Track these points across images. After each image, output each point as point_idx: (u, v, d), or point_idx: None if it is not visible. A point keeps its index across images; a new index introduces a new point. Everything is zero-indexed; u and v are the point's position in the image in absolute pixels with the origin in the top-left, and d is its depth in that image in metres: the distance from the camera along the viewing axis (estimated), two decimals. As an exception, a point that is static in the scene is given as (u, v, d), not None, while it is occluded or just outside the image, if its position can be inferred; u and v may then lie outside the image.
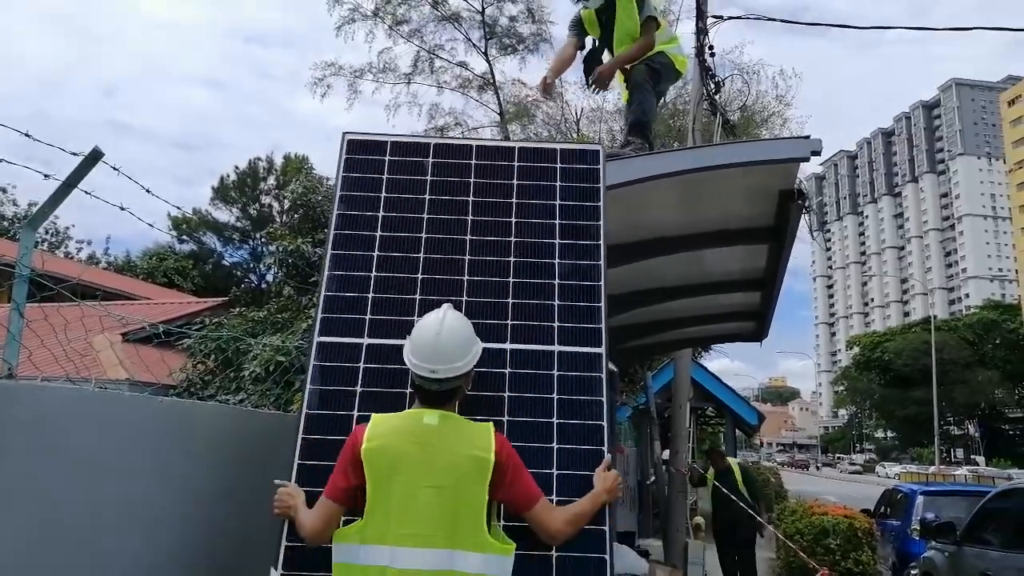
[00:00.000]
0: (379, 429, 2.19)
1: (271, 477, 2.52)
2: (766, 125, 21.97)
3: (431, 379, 2.22)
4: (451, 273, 2.90)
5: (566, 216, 3.05)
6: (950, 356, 64.98)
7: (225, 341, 7.92)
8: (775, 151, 3.55)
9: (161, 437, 2.59)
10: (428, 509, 2.08)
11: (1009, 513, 5.90)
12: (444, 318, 2.32)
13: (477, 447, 2.15)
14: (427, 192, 3.09)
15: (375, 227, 2.99)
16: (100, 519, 2.30)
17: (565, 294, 2.87)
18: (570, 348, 2.76)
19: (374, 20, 22.23)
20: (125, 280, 26.63)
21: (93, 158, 2.51)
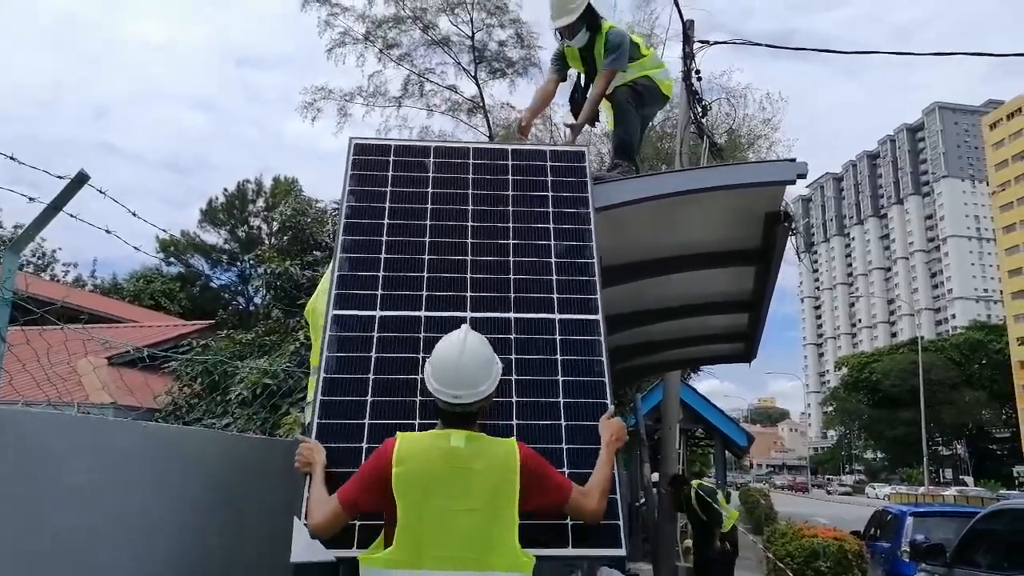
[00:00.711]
0: (407, 452, 2.18)
1: (257, 505, 2.48)
2: (752, 148, 22.19)
3: (455, 404, 2.25)
4: (455, 254, 3.18)
5: (558, 205, 3.39)
6: (937, 377, 65.36)
7: (212, 364, 7.86)
8: (762, 174, 3.58)
9: (145, 464, 2.55)
10: (462, 531, 2.10)
11: (998, 534, 5.90)
12: (465, 342, 2.34)
13: (505, 467, 2.19)
14: (430, 186, 3.41)
15: (383, 216, 3.27)
16: (81, 547, 2.25)
17: (562, 270, 3.17)
18: (569, 316, 3.05)
19: (365, 44, 22.38)
20: (111, 303, 26.43)
21: (79, 181, 2.50)
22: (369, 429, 2.66)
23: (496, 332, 2.90)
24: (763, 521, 18.89)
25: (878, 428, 76.32)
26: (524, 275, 3.15)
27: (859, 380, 78.95)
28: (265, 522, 3.22)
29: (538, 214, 3.36)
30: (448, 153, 3.59)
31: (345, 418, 2.66)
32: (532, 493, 2.20)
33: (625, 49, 4.63)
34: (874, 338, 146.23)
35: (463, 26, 22.42)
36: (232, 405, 7.41)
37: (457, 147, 3.70)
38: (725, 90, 21.17)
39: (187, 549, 2.75)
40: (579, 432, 2.71)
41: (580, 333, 3.00)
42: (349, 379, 2.78)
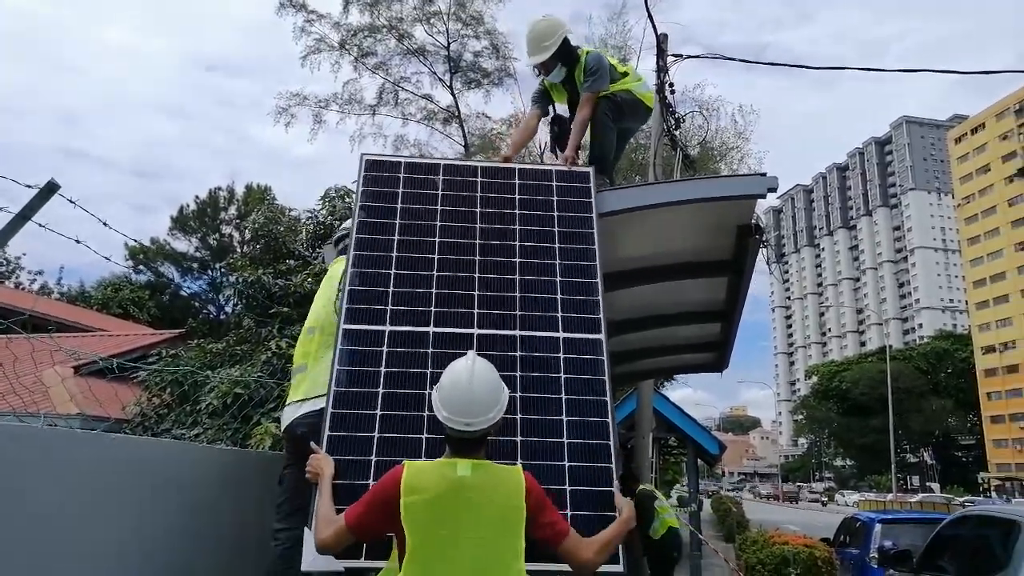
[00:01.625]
0: (415, 482, 2.20)
1: (226, 516, 2.46)
2: (725, 159, 22.47)
3: (465, 431, 2.27)
4: (463, 271, 3.28)
5: (563, 224, 3.50)
6: (905, 385, 66.51)
7: (182, 374, 7.75)
8: (733, 188, 3.64)
9: (111, 475, 2.52)
10: (467, 561, 2.12)
11: (963, 540, 6.00)
12: (473, 370, 2.35)
13: (511, 495, 2.22)
14: (439, 203, 3.51)
15: (393, 232, 3.37)
16: (45, 564, 2.22)
17: (566, 289, 3.27)
18: (574, 335, 3.14)
19: (340, 52, 22.34)
20: (78, 311, 25.95)
21: (49, 190, 2.47)
22: (378, 442, 2.74)
23: (502, 349, 3.02)
24: (735, 529, 19.03)
25: (847, 436, 77.34)
26: (530, 293, 3.24)
27: (829, 388, 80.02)
28: (238, 534, 3.18)
29: (544, 233, 3.46)
30: (457, 171, 3.70)
31: (355, 431, 2.75)
32: (532, 524, 2.23)
33: (604, 71, 4.61)
34: (843, 347, 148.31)
35: (438, 36, 22.51)
36: (202, 415, 7.31)
37: (466, 165, 3.86)
38: (698, 103, 21.44)
39: (156, 563, 2.71)
40: (582, 450, 2.79)
41: (584, 352, 3.09)
42: (359, 392, 2.86)
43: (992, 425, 78.56)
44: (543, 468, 2.73)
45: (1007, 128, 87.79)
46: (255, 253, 11.28)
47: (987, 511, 6.01)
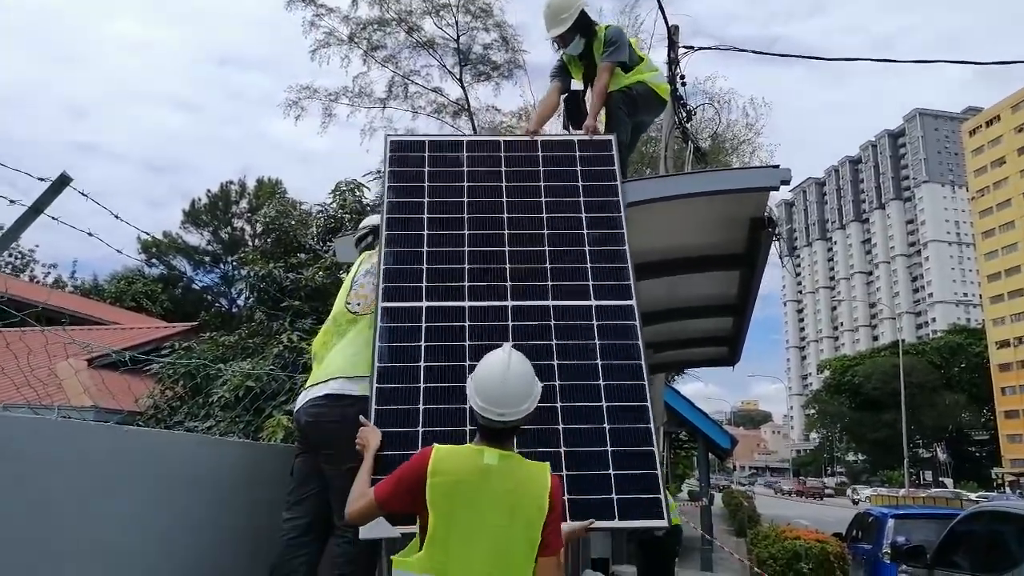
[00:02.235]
0: (443, 465, 2.25)
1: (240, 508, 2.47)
2: (736, 153, 22.35)
3: (498, 421, 2.31)
4: (493, 245, 3.36)
5: (588, 194, 3.55)
6: (918, 380, 66.05)
7: (194, 367, 7.78)
8: (747, 180, 3.62)
9: (125, 467, 2.53)
10: (486, 547, 2.16)
11: (978, 535, 5.96)
12: (509, 362, 2.39)
13: (536, 490, 2.25)
14: (465, 180, 3.59)
15: (422, 211, 3.46)
16: (60, 553, 2.23)
17: (596, 258, 3.33)
18: (605, 302, 3.20)
19: (349, 45, 22.32)
20: (92, 304, 26.14)
21: (61, 183, 2.47)
22: (423, 414, 2.85)
23: (536, 319, 3.13)
24: (746, 523, 19.00)
25: (860, 430, 76.93)
26: (560, 264, 3.31)
27: (841, 383, 79.59)
28: (251, 526, 3.19)
29: (570, 203, 3.51)
30: (480, 147, 3.79)
31: (400, 404, 2.85)
32: (549, 523, 2.24)
33: (624, 44, 4.59)
34: (856, 341, 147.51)
35: (448, 29, 22.43)
36: (215, 408, 7.34)
37: (489, 140, 4.04)
38: (709, 95, 21.31)
39: (172, 556, 2.72)
40: (618, 414, 2.88)
41: (617, 318, 3.16)
42: (401, 367, 2.97)
43: (1006, 420, 77.96)
44: (583, 432, 2.85)
45: (1023, 120, 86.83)
46: (266, 247, 11.32)
47: (1001, 507, 5.96)
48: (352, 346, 3.13)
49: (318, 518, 3.02)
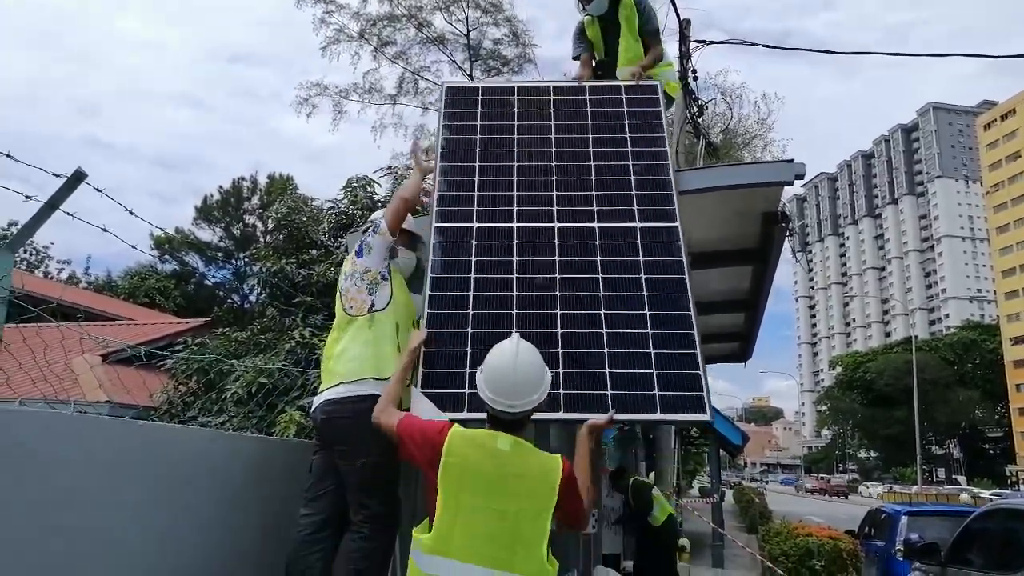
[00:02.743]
0: (456, 446, 2.31)
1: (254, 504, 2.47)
2: (748, 148, 22.24)
3: (508, 412, 2.37)
4: (541, 175, 3.59)
5: (634, 131, 3.73)
6: (931, 376, 65.55)
7: (207, 362, 7.82)
8: (761, 175, 3.59)
9: (138, 462, 2.54)
10: (489, 530, 2.21)
11: (992, 533, 5.92)
12: (518, 353, 2.43)
13: (545, 480, 2.27)
14: (515, 119, 3.86)
15: (474, 146, 3.73)
16: (76, 547, 2.24)
17: (640, 186, 3.50)
18: (649, 224, 3.36)
19: (359, 42, 22.34)
20: (106, 300, 26.33)
21: (76, 179, 2.48)
22: (472, 318, 3.10)
23: (582, 239, 3.32)
24: (757, 520, 18.94)
25: (872, 427, 76.46)
26: (605, 191, 3.50)
27: (853, 379, 79.11)
28: (265, 522, 3.21)
29: (616, 139, 3.72)
30: (531, 91, 4.05)
31: (452, 309, 3.12)
32: (559, 509, 2.28)
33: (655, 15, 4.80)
34: (868, 337, 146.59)
35: (458, 24, 22.42)
36: (228, 404, 7.38)
37: (539, 86, 4.17)
38: (721, 89, 21.21)
39: (183, 551, 2.74)
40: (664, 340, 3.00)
41: (661, 238, 3.31)
42: (452, 278, 3.24)
43: (1021, 417, 77.27)
44: (628, 336, 3.00)
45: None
46: (278, 243, 11.33)
47: (1016, 504, 5.91)
48: (353, 347, 3.13)
49: (334, 514, 3.04)
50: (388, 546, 3.06)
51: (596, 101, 3.91)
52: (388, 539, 3.04)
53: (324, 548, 2.99)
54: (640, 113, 3.82)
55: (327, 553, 3.00)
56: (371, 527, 2.96)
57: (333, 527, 3.04)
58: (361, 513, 2.98)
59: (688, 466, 35.80)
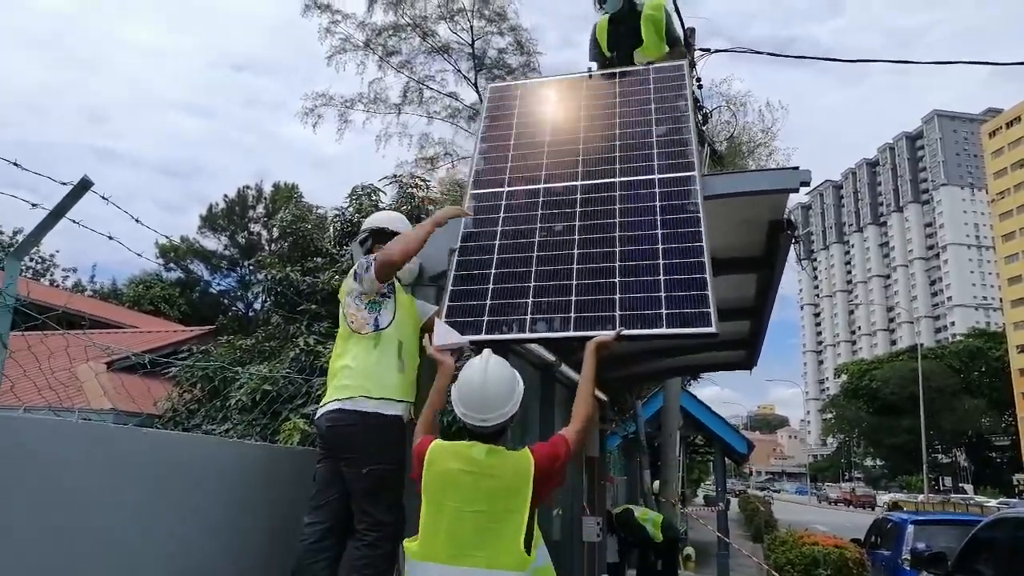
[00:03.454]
0: (434, 457, 2.49)
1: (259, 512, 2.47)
2: (752, 156, 22.20)
3: (480, 426, 2.51)
4: (569, 144, 3.94)
5: (658, 103, 4.04)
6: (937, 384, 65.22)
7: (211, 370, 7.82)
8: (766, 182, 3.58)
9: (143, 470, 2.54)
10: (471, 532, 2.35)
11: (1000, 542, 5.87)
12: (487, 369, 2.55)
13: (517, 476, 2.41)
14: (550, 103, 4.36)
15: (511, 129, 4.20)
16: (80, 554, 2.24)
17: (661, 144, 3.75)
18: (667, 175, 3.57)
19: (365, 51, 22.42)
20: (111, 308, 26.40)
21: (83, 187, 2.49)
22: (496, 262, 3.42)
23: (603, 192, 3.59)
24: (763, 529, 18.84)
25: (877, 435, 76.08)
26: (628, 152, 3.78)
27: (859, 387, 78.77)
28: (270, 529, 3.20)
29: (640, 110, 4.01)
30: (566, 84, 4.51)
31: (478, 255, 3.48)
32: (546, 485, 2.46)
33: None
34: (873, 345, 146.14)
35: (463, 33, 22.48)
36: (232, 411, 7.38)
37: (575, 79, 4.54)
38: (725, 98, 21.21)
39: (188, 557, 2.73)
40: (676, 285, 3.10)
41: (677, 185, 3.51)
42: (482, 231, 3.59)
43: (1027, 425, 76.89)
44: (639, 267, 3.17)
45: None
46: (283, 251, 11.36)
47: None
48: (355, 365, 3.13)
49: (339, 522, 3.03)
50: (392, 554, 3.05)
51: (625, 82, 4.28)
52: (392, 547, 3.03)
53: (328, 556, 2.99)
54: (665, 87, 4.13)
55: (331, 561, 3.00)
56: (375, 535, 2.95)
57: (337, 535, 3.03)
58: (365, 521, 2.97)
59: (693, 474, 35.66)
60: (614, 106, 4.10)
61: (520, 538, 2.34)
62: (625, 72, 4.36)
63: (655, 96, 4.07)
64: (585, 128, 4.01)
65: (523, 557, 2.34)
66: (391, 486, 3.04)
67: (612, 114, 4.05)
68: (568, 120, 4.11)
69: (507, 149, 4.02)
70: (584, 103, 4.21)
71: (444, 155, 23.50)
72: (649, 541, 8.95)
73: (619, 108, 4.06)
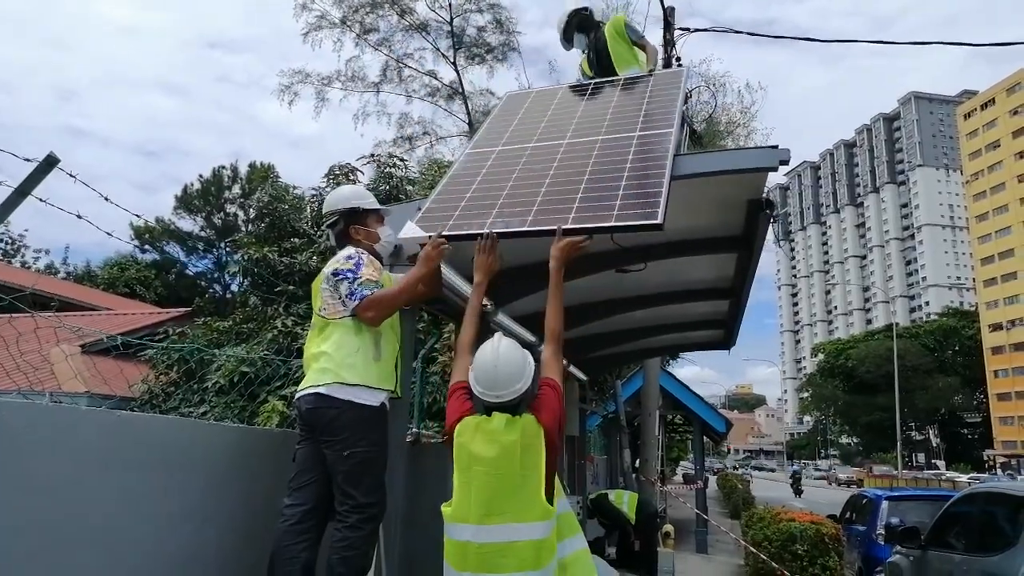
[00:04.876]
0: (462, 428, 2.75)
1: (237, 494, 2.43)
2: (731, 136, 22.25)
3: (496, 403, 2.75)
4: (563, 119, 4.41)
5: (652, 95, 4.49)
6: (912, 363, 66.33)
7: (188, 352, 7.75)
8: (744, 161, 3.56)
9: (117, 453, 2.50)
10: (498, 492, 2.60)
11: (972, 516, 5.99)
12: (499, 349, 2.80)
13: (528, 435, 2.66)
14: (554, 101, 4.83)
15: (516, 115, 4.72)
16: (53, 539, 2.20)
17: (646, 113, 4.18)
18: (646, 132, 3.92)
19: (342, 28, 22.11)
20: (84, 290, 26.03)
21: (48, 164, 2.43)
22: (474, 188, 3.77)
23: (584, 148, 3.89)
24: (741, 506, 19.10)
25: (853, 413, 77.34)
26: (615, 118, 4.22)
27: (835, 366, 79.92)
28: (248, 512, 3.17)
29: (635, 100, 4.48)
30: (573, 88, 5.03)
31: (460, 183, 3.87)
32: (554, 434, 2.71)
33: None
34: (850, 325, 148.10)
35: (441, 11, 22.22)
36: (209, 394, 7.32)
37: (582, 84, 5.09)
38: (704, 78, 21.20)
39: (165, 541, 2.70)
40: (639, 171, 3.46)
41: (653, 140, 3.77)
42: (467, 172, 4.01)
43: (998, 403, 78.54)
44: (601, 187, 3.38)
45: (1018, 103, 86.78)
46: (260, 231, 11.22)
47: (995, 488, 5.98)
48: (328, 350, 3.10)
49: (319, 504, 3.02)
50: (372, 536, 3.04)
51: (623, 85, 4.80)
52: (372, 529, 3.02)
53: (309, 538, 2.97)
54: (660, 88, 4.59)
55: (312, 543, 2.98)
56: (357, 517, 2.94)
57: (317, 517, 3.02)
58: (347, 503, 2.96)
59: (672, 453, 36.05)
60: (610, 99, 4.62)
61: (541, 491, 2.61)
62: (627, 78, 4.99)
63: (649, 93, 4.55)
64: (580, 115, 4.44)
65: (546, 508, 2.60)
66: (373, 469, 3.02)
67: (608, 103, 4.52)
68: (567, 108, 4.60)
69: (508, 125, 4.52)
70: (584, 100, 4.74)
71: (423, 134, 23.32)
72: (627, 521, 9.07)
73: (616, 98, 4.59)
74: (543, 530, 2.59)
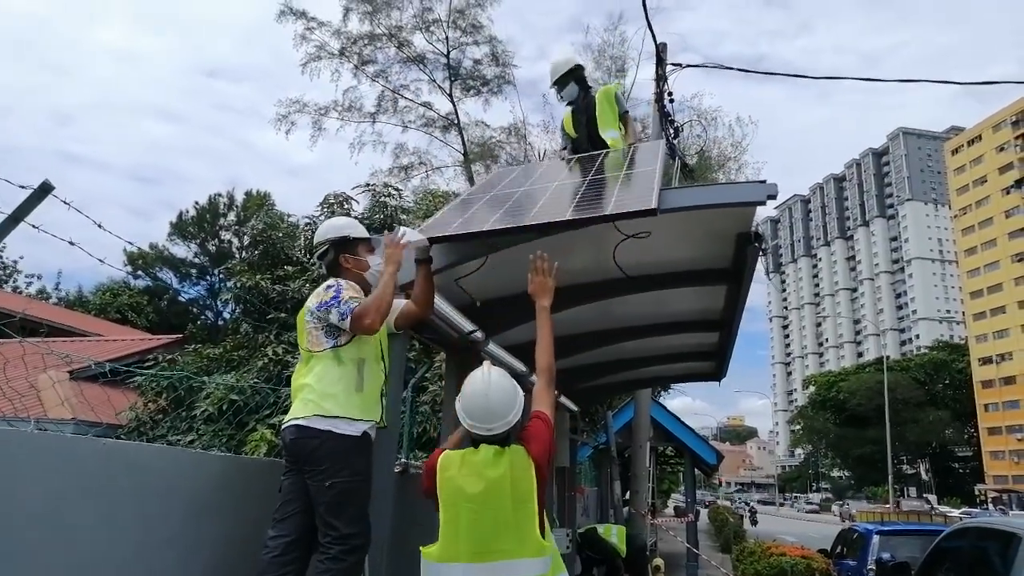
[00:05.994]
0: (446, 463, 2.63)
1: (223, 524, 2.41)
2: (722, 170, 22.45)
3: (487, 435, 2.63)
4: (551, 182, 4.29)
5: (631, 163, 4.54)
6: (902, 396, 66.31)
7: (177, 379, 7.70)
8: (733, 195, 3.60)
9: (101, 481, 2.48)
10: (490, 528, 2.48)
11: (963, 552, 5.96)
12: (489, 381, 2.68)
13: (518, 468, 2.55)
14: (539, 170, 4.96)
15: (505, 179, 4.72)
16: (37, 567, 2.17)
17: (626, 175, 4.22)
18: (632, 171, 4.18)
19: (340, 59, 22.34)
20: (74, 316, 25.86)
21: (43, 191, 2.44)
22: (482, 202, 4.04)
23: None
24: (732, 540, 18.94)
25: (844, 446, 77.07)
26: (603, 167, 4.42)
27: (826, 399, 79.83)
28: (234, 542, 3.14)
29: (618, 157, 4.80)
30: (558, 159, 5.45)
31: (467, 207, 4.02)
32: (544, 466, 2.63)
33: None
34: (841, 357, 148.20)
35: (438, 44, 22.51)
36: (197, 422, 7.26)
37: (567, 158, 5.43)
38: (696, 112, 21.45)
39: (149, 571, 2.67)
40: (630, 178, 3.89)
41: None
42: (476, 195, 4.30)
43: (989, 437, 78.47)
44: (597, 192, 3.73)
45: (1004, 140, 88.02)
46: (253, 259, 11.22)
47: (986, 523, 5.96)
48: (313, 383, 3.11)
49: (303, 536, 2.99)
50: (355, 568, 3.01)
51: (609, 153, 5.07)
52: (355, 561, 2.99)
53: (292, 570, 2.94)
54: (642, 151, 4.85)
55: (296, 575, 2.95)
56: (339, 548, 2.92)
57: (301, 549, 2.99)
58: (329, 535, 2.94)
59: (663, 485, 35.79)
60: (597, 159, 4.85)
61: (535, 525, 2.51)
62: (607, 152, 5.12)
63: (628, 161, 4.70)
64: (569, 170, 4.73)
65: (541, 543, 2.50)
66: (355, 499, 3.01)
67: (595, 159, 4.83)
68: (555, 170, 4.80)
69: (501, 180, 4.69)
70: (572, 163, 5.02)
71: (419, 164, 23.46)
72: (616, 555, 9.00)
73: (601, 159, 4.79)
74: (542, 566, 2.51)
